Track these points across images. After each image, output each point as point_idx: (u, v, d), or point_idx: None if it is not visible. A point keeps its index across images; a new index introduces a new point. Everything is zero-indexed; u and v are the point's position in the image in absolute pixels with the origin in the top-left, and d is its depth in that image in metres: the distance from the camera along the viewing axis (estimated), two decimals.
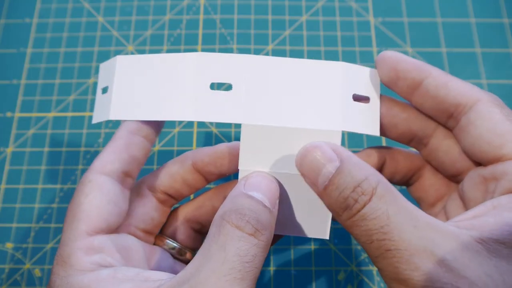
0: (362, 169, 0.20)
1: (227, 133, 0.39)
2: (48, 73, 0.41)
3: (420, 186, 0.27)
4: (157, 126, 0.26)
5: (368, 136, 0.39)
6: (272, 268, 0.35)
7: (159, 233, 0.28)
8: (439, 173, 0.27)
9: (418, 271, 0.18)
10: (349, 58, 0.41)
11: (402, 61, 0.24)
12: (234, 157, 0.26)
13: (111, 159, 0.24)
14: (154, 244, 0.27)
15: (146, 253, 0.26)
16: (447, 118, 0.24)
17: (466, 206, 0.24)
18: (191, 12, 0.43)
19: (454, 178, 0.26)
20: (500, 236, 0.18)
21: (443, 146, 0.25)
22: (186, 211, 0.28)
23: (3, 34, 0.43)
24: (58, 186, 0.38)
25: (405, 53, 0.42)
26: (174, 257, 0.28)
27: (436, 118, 0.24)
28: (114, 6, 0.44)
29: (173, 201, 0.28)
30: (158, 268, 0.26)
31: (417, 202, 0.28)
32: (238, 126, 0.39)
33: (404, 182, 0.28)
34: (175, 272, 0.26)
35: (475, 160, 0.23)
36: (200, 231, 0.29)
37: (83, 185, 0.23)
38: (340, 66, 0.24)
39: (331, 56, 0.41)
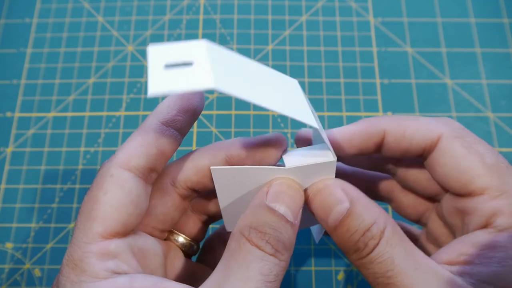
0: (371, 211, 0.21)
1: (227, 133, 0.39)
2: (48, 73, 0.41)
3: (397, 206, 0.29)
4: (193, 117, 0.23)
5: None
6: None
7: None
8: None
9: None
10: (349, 58, 0.41)
11: (356, 133, 0.24)
12: (273, 150, 0.23)
13: (138, 153, 0.21)
14: (165, 238, 0.26)
15: (163, 251, 0.24)
16: (417, 158, 0.25)
17: (449, 229, 0.25)
18: (191, 12, 0.43)
19: (429, 199, 0.27)
20: (489, 279, 0.20)
21: (411, 175, 0.26)
22: (193, 203, 0.26)
23: (3, 34, 0.43)
24: (58, 186, 0.38)
25: (405, 53, 0.42)
26: (183, 252, 0.26)
27: (407, 159, 0.26)
28: (114, 6, 0.44)
29: (195, 195, 0.25)
30: (172, 266, 0.25)
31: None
32: (237, 125, 0.39)
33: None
34: (186, 270, 0.25)
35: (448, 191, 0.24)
36: (207, 223, 0.27)
37: (103, 179, 0.21)
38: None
39: (331, 56, 0.41)
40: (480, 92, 0.40)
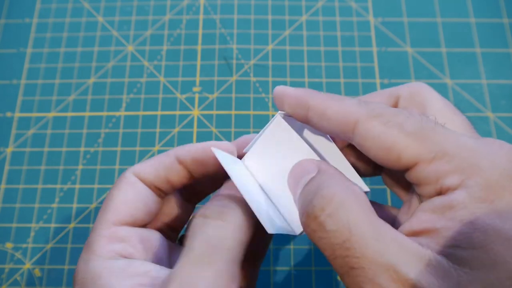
0: (331, 178, 0.20)
1: (227, 133, 0.39)
2: (48, 73, 0.41)
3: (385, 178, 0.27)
4: (205, 171, 0.25)
5: None
6: (272, 268, 0.35)
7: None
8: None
9: None
10: (349, 58, 0.41)
11: (286, 96, 0.23)
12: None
13: (149, 170, 0.25)
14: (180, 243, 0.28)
15: (168, 250, 0.26)
16: (348, 141, 0.23)
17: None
18: (191, 12, 0.43)
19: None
20: (455, 241, 0.18)
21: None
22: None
23: (3, 34, 0.43)
24: (58, 186, 0.38)
25: (405, 53, 0.42)
26: None
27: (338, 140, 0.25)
28: (114, 6, 0.44)
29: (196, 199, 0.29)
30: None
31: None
32: (237, 126, 0.39)
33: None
34: None
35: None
36: None
37: (120, 180, 0.25)
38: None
39: (331, 56, 0.41)
40: (480, 92, 0.40)
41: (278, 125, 0.24)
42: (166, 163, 0.25)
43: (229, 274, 0.19)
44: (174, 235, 0.28)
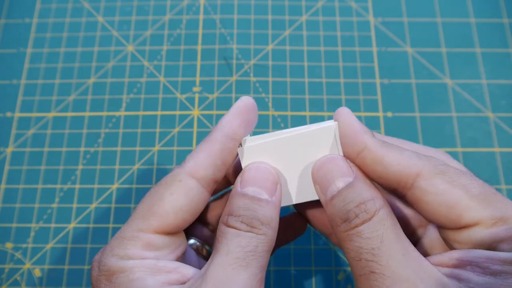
0: (371, 190, 0.21)
1: None
2: (48, 73, 0.41)
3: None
4: (250, 130, 0.25)
5: None
6: (272, 268, 0.35)
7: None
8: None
9: None
10: (349, 58, 0.41)
11: (348, 124, 0.23)
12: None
13: (206, 163, 0.23)
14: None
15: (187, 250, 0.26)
16: (394, 190, 0.23)
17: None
18: (191, 12, 0.43)
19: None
20: (473, 260, 0.19)
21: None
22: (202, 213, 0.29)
23: (3, 34, 0.43)
24: (58, 186, 0.38)
25: (405, 53, 0.42)
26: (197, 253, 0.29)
27: (384, 186, 0.23)
28: (114, 6, 0.44)
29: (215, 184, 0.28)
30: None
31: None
32: None
33: None
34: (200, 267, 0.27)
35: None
36: (213, 231, 0.29)
37: (172, 181, 0.23)
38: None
39: (331, 56, 0.41)
40: (480, 92, 0.40)
41: (248, 153, 0.24)
42: (218, 149, 0.23)
43: (260, 278, 0.20)
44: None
